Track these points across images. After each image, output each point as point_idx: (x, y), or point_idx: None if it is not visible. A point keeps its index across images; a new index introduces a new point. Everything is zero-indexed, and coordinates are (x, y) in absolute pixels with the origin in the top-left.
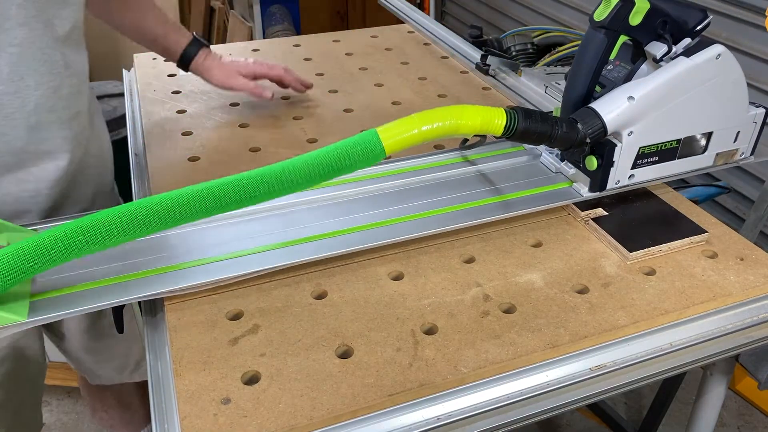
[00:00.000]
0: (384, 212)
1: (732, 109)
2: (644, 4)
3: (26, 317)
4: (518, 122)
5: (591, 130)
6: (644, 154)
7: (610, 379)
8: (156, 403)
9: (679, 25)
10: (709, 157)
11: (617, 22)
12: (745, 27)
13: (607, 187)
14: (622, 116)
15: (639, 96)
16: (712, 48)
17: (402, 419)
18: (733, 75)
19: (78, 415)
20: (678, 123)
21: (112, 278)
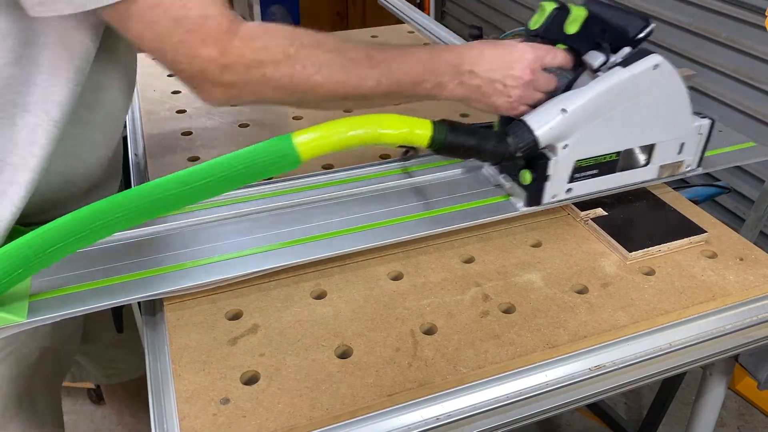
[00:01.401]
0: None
1: (673, 120)
2: (581, 12)
3: (25, 318)
4: (444, 135)
5: (521, 143)
6: (582, 167)
7: (609, 379)
8: (155, 403)
9: (619, 33)
10: (652, 170)
11: (552, 31)
12: (745, 27)
13: (544, 201)
14: (554, 129)
15: (572, 108)
16: (650, 58)
17: (401, 419)
18: (673, 85)
19: (78, 415)
20: (616, 135)
21: (112, 278)
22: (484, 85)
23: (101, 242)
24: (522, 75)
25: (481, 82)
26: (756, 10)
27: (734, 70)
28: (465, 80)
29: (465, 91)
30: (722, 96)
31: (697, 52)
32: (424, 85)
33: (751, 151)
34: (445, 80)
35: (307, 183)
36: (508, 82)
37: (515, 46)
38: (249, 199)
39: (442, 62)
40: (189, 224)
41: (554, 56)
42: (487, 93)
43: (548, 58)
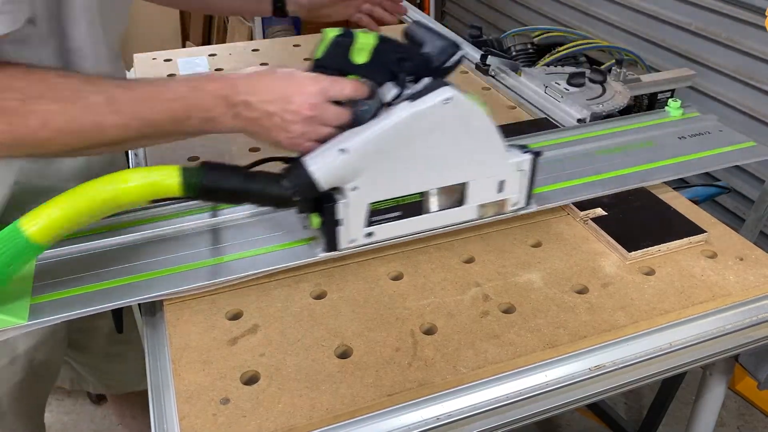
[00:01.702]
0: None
1: (483, 157)
2: (369, 39)
3: (27, 320)
4: (198, 179)
5: (297, 186)
6: (380, 210)
7: (609, 379)
8: (155, 403)
9: (423, 62)
10: (470, 210)
11: (335, 61)
12: (745, 27)
13: (341, 246)
14: (335, 171)
15: (352, 148)
16: (440, 91)
17: (401, 419)
18: (474, 120)
19: (78, 415)
20: (414, 176)
21: (112, 281)
22: (262, 118)
23: (102, 244)
24: (300, 109)
25: (258, 114)
26: (756, 10)
27: (734, 70)
28: (240, 112)
29: (243, 123)
30: (722, 96)
31: (697, 52)
32: (189, 121)
33: (751, 150)
34: (216, 114)
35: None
36: (286, 116)
37: (295, 77)
38: None
39: (209, 95)
40: (189, 225)
41: (342, 87)
42: (266, 127)
43: (334, 91)
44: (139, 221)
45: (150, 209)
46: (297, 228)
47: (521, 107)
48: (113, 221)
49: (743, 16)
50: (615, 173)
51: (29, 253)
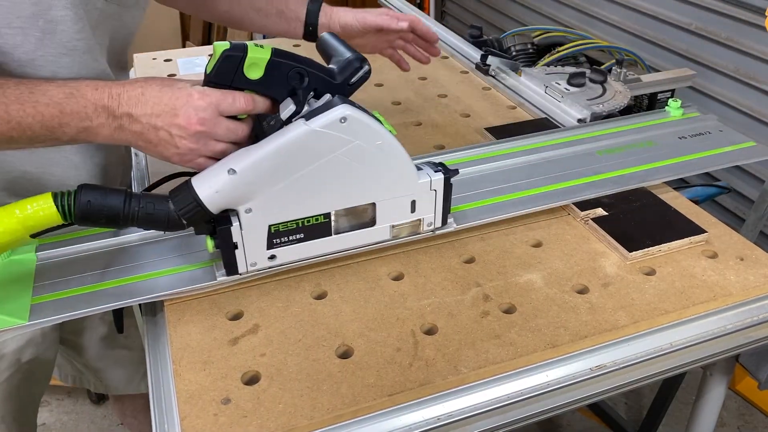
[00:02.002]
0: None
1: (389, 177)
2: (262, 54)
3: (27, 320)
4: (76, 203)
5: (183, 209)
6: (281, 231)
7: (610, 379)
8: (156, 403)
9: (325, 78)
10: (383, 230)
11: (226, 76)
12: (745, 27)
13: (241, 270)
14: (225, 192)
15: (241, 168)
16: (335, 110)
17: (402, 419)
18: (375, 140)
19: (78, 415)
20: (315, 196)
21: (113, 281)
22: (147, 132)
23: (103, 245)
24: (188, 125)
25: (143, 128)
26: (756, 10)
27: (734, 70)
28: (124, 125)
29: (127, 137)
30: (722, 96)
31: (697, 52)
32: (63, 129)
33: (751, 150)
34: (97, 124)
35: None
36: (173, 131)
37: (183, 90)
38: None
39: (89, 103)
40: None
41: (233, 101)
42: (152, 141)
43: (225, 105)
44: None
45: None
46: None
47: (521, 107)
48: None
49: (743, 16)
50: (615, 173)
51: None
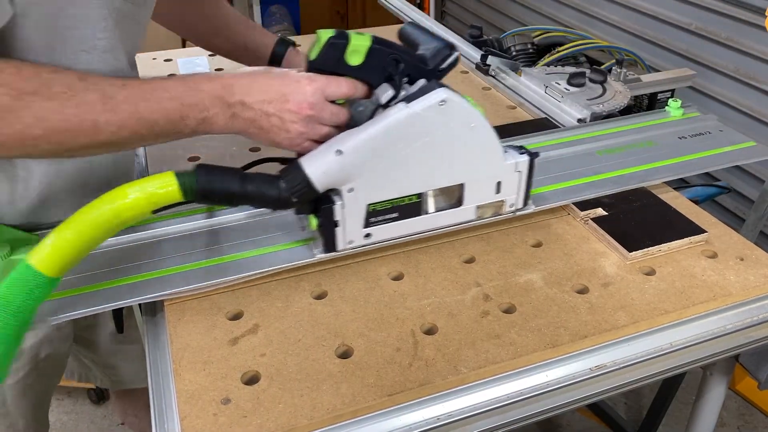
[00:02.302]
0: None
1: (479, 158)
2: (363, 41)
3: None
4: (196, 183)
5: (294, 188)
6: (378, 211)
7: (610, 379)
8: (156, 403)
9: (418, 63)
10: (468, 211)
11: (329, 62)
12: (745, 27)
13: (339, 247)
14: (332, 172)
15: (348, 150)
16: (435, 93)
17: (402, 419)
18: (470, 121)
19: (78, 415)
20: (411, 177)
21: (113, 281)
22: (259, 118)
23: (103, 245)
24: (299, 109)
25: (255, 115)
26: (756, 10)
27: (734, 70)
28: (237, 113)
29: (240, 124)
30: (722, 96)
31: (697, 52)
32: (185, 121)
33: (751, 150)
34: (213, 114)
35: None
36: (285, 116)
37: (291, 77)
38: None
39: (205, 95)
40: (190, 228)
41: (338, 86)
42: (264, 127)
43: (330, 89)
44: (139, 222)
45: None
46: (295, 229)
47: (521, 107)
48: None
49: (743, 16)
50: (615, 173)
51: (45, 289)
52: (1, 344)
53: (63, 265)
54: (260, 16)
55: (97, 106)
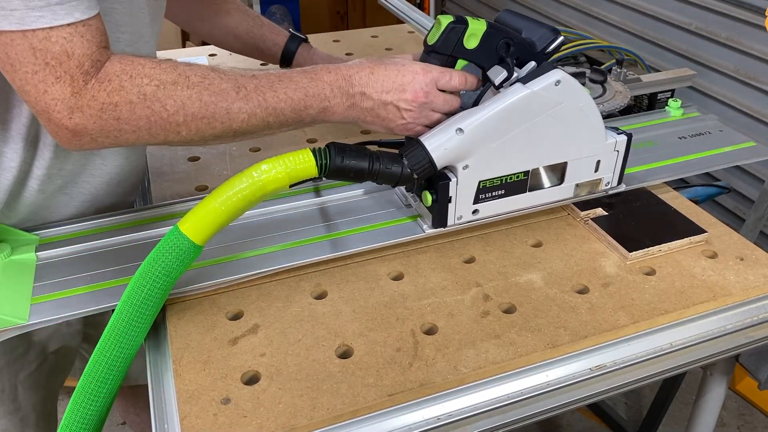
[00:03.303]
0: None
1: (585, 137)
2: (480, 26)
3: (27, 320)
4: (330, 160)
5: (417, 165)
6: (487, 188)
7: (610, 379)
8: (156, 403)
9: (526, 47)
10: (567, 189)
11: (449, 46)
12: (745, 27)
13: (449, 223)
14: (451, 150)
15: (468, 128)
16: (551, 74)
17: (402, 419)
18: (579, 102)
19: None
20: (521, 155)
21: (113, 281)
22: (377, 108)
23: (102, 244)
24: (414, 98)
25: (374, 104)
26: (756, 10)
27: (734, 70)
28: (356, 102)
29: (357, 113)
30: (722, 96)
31: (697, 52)
32: (308, 111)
33: (751, 150)
34: (334, 104)
35: None
36: (401, 105)
37: (407, 67)
38: None
39: (327, 85)
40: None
41: (450, 79)
42: (380, 115)
43: (443, 81)
44: (139, 222)
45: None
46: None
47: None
48: (113, 222)
49: (743, 16)
50: None
51: (191, 256)
52: (148, 307)
53: (209, 233)
54: None
55: (231, 94)
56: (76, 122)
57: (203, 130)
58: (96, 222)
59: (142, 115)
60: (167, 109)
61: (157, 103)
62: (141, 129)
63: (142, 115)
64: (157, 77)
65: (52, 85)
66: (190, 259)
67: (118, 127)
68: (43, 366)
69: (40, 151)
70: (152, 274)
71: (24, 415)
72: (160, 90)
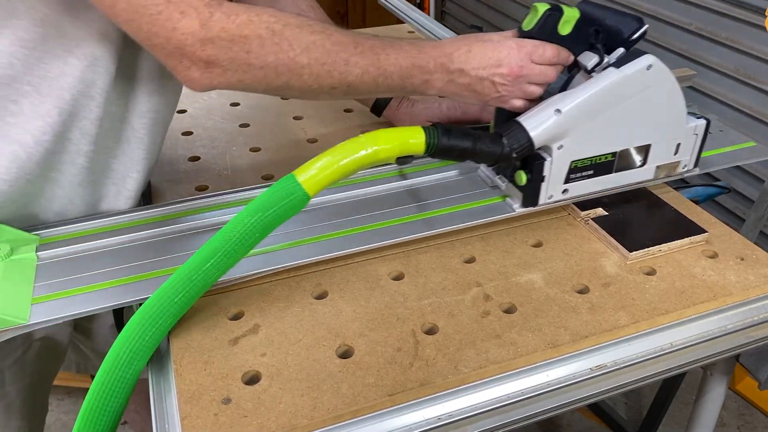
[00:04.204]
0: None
1: (669, 121)
2: (574, 13)
3: (28, 320)
4: (438, 139)
5: (516, 145)
6: (577, 168)
7: (610, 379)
8: (156, 403)
9: (614, 34)
10: (649, 170)
11: (545, 32)
12: (745, 27)
13: (540, 202)
14: (549, 130)
15: (566, 109)
16: (643, 59)
17: (402, 419)
18: (667, 86)
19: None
20: (611, 136)
21: (114, 281)
22: (474, 83)
23: (102, 244)
24: (510, 72)
25: (471, 80)
26: (756, 10)
27: (734, 70)
28: (455, 78)
29: (455, 89)
30: (722, 96)
31: (697, 52)
32: (411, 80)
33: (751, 150)
34: (434, 78)
35: None
36: (497, 79)
37: (502, 44)
38: None
39: (431, 59)
40: (190, 228)
41: (543, 51)
42: (477, 90)
43: (536, 54)
44: (139, 222)
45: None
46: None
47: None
48: (113, 222)
49: (743, 16)
50: None
51: (299, 204)
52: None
53: (320, 186)
54: None
55: (350, 47)
56: (208, 53)
57: (322, 77)
58: (96, 222)
59: (270, 51)
60: (294, 49)
61: (284, 42)
62: (269, 66)
63: (270, 51)
64: (283, 19)
65: (179, 20)
66: (296, 209)
67: (248, 62)
68: (29, 352)
69: None
70: (258, 215)
71: (9, 401)
72: (287, 29)
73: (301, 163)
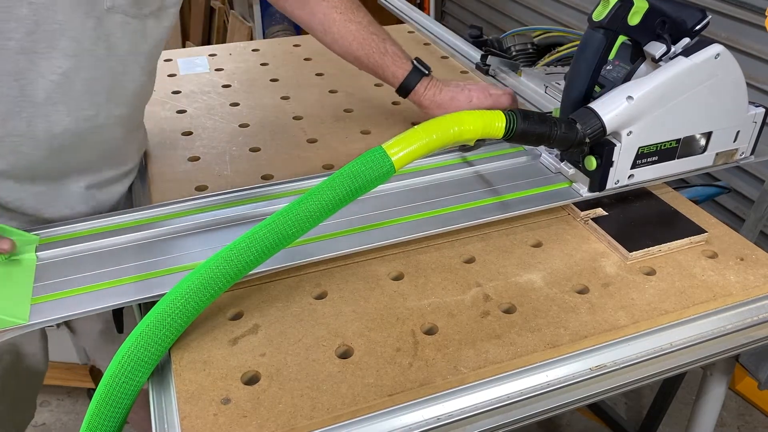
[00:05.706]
0: (386, 213)
1: (731, 108)
2: (643, 4)
3: (27, 320)
4: (517, 124)
5: (590, 130)
6: (643, 153)
7: (610, 379)
8: (156, 403)
9: (678, 25)
10: (708, 157)
11: (616, 22)
12: (745, 27)
13: (607, 186)
14: (620, 116)
15: (638, 96)
16: (711, 47)
17: (402, 419)
18: (733, 75)
19: (78, 415)
20: (677, 123)
21: (113, 281)
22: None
23: (102, 244)
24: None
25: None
26: (756, 10)
27: None
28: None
29: None
30: None
31: None
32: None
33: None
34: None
35: None
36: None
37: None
38: (247, 202)
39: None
40: (190, 229)
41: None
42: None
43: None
44: (139, 222)
45: (157, 208)
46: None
47: (521, 107)
48: (113, 222)
49: (743, 16)
50: None
51: (385, 174)
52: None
53: (407, 161)
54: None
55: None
56: None
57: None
58: (96, 222)
59: None
60: None
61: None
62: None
63: None
64: None
65: None
66: (382, 179)
67: None
68: (20, 364)
69: None
70: (345, 181)
71: None
72: None
73: (301, 162)
